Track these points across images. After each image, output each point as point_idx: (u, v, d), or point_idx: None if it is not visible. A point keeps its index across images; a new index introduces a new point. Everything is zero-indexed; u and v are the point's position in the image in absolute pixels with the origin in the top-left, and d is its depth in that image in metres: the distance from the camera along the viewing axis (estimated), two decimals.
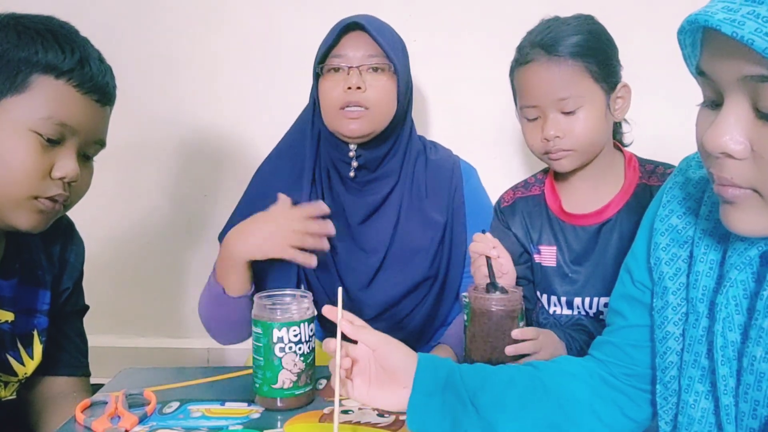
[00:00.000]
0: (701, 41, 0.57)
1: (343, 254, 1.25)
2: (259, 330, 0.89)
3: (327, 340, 0.77)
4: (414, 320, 1.27)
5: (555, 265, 1.13)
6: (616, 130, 1.16)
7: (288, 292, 0.93)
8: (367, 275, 1.25)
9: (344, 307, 1.24)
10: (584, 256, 1.11)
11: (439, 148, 1.36)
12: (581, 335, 1.04)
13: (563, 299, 1.12)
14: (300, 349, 0.88)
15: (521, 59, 1.07)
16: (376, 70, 1.17)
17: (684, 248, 0.70)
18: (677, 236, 0.71)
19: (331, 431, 0.77)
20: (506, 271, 1.03)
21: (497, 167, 1.64)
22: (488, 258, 0.99)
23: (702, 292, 0.66)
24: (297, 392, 0.89)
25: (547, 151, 1.07)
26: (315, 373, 0.93)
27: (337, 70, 1.18)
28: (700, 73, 0.57)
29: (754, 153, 0.54)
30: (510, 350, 0.93)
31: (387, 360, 0.75)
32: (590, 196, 1.11)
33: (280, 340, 0.87)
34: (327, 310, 0.78)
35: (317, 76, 1.21)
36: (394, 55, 1.17)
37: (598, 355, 0.83)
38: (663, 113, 1.47)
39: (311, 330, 0.90)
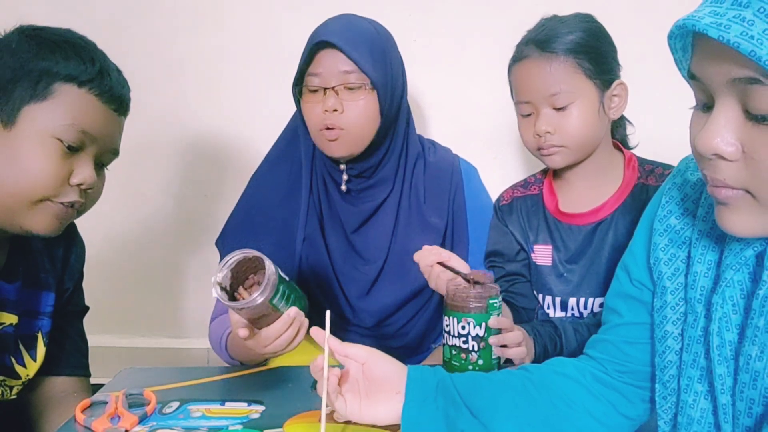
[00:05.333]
0: (692, 45, 0.57)
1: (342, 263, 1.24)
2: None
3: (315, 359, 0.78)
4: (415, 328, 1.26)
5: (551, 265, 1.13)
6: (616, 130, 1.16)
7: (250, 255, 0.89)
8: (366, 284, 1.23)
9: (345, 317, 1.26)
10: (579, 255, 1.11)
11: (438, 147, 1.33)
12: (546, 328, 1.03)
13: (557, 300, 1.12)
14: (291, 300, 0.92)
15: (517, 56, 1.08)
16: (352, 89, 1.12)
17: (682, 249, 0.71)
18: (675, 237, 0.71)
19: (331, 431, 0.77)
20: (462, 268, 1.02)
21: (496, 167, 1.65)
22: (443, 264, 0.98)
23: (700, 293, 0.67)
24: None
25: (539, 147, 1.08)
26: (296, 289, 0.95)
27: (314, 91, 1.14)
28: (691, 77, 0.58)
29: (744, 154, 0.55)
30: (493, 341, 0.93)
31: (376, 371, 0.77)
32: (587, 196, 1.11)
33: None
34: (315, 332, 0.78)
35: (298, 96, 1.19)
36: (372, 69, 1.12)
37: (592, 353, 0.83)
38: (666, 113, 1.47)
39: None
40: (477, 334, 0.94)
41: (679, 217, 0.72)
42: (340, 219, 1.24)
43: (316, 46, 1.13)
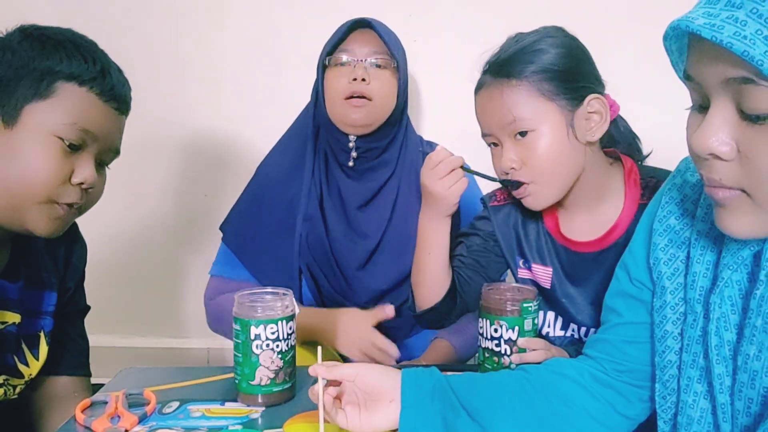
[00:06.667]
0: (687, 46, 0.58)
1: (339, 237, 1.29)
2: (238, 327, 0.89)
3: (311, 387, 0.80)
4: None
5: (549, 288, 1.03)
6: (616, 144, 1.03)
7: (269, 290, 0.94)
8: (361, 257, 1.28)
9: (343, 290, 1.29)
10: (581, 281, 1.00)
11: (435, 146, 1.37)
12: None
13: (559, 320, 1.04)
14: (278, 346, 0.89)
15: (477, 85, 0.99)
16: (379, 66, 1.24)
17: (682, 249, 0.71)
18: (675, 237, 0.72)
19: (331, 431, 0.78)
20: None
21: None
22: (468, 169, 0.97)
23: (699, 293, 0.67)
24: (275, 389, 0.90)
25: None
26: (295, 370, 0.93)
27: (343, 64, 1.24)
28: (687, 78, 0.59)
29: (740, 154, 0.55)
30: (516, 359, 0.92)
31: (367, 383, 0.77)
32: (589, 221, 1.00)
33: (258, 337, 0.88)
34: (312, 371, 0.79)
35: (324, 68, 1.26)
36: (397, 54, 1.23)
37: (590, 352, 0.83)
38: (665, 114, 1.47)
39: (290, 328, 0.91)
40: (510, 338, 0.92)
41: (679, 217, 0.72)
42: (341, 197, 1.30)
43: (353, 25, 1.25)
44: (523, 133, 0.93)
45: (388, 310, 1.18)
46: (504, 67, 0.94)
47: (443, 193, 0.98)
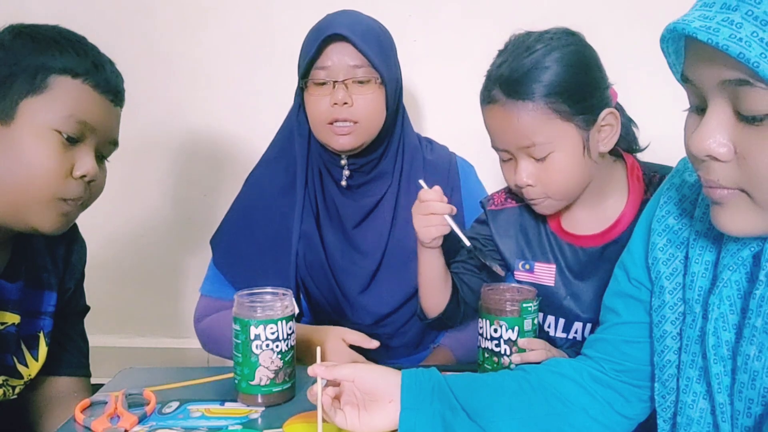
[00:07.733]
0: (684, 49, 0.58)
1: (339, 258, 1.24)
2: (237, 327, 0.90)
3: (310, 388, 0.80)
4: (413, 327, 1.26)
5: (553, 286, 1.03)
6: (620, 142, 1.00)
7: (268, 290, 0.93)
8: (364, 278, 1.23)
9: (344, 312, 1.27)
10: (584, 277, 1.01)
11: (435, 146, 1.33)
12: None
13: (561, 321, 1.04)
14: (277, 346, 0.89)
15: (484, 97, 0.95)
16: (362, 82, 1.13)
17: (680, 249, 0.71)
18: (674, 237, 0.72)
19: (330, 431, 0.78)
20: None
21: (495, 167, 1.64)
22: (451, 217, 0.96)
23: (698, 293, 0.67)
24: (275, 389, 0.90)
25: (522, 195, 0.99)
26: (295, 371, 0.93)
27: (322, 84, 1.13)
28: (684, 80, 0.59)
29: (737, 155, 0.55)
30: (516, 359, 0.92)
31: (366, 383, 0.78)
32: (592, 218, 1.01)
33: (257, 337, 0.88)
34: (311, 371, 0.79)
35: (302, 89, 1.18)
36: (380, 64, 1.13)
37: (589, 352, 0.83)
38: (664, 115, 1.47)
39: (290, 328, 0.91)
40: (509, 338, 0.92)
41: (677, 217, 0.72)
42: (339, 215, 1.24)
43: (326, 39, 1.11)
44: (540, 157, 0.93)
45: (374, 343, 1.11)
46: (516, 86, 0.90)
47: (417, 228, 1.00)
